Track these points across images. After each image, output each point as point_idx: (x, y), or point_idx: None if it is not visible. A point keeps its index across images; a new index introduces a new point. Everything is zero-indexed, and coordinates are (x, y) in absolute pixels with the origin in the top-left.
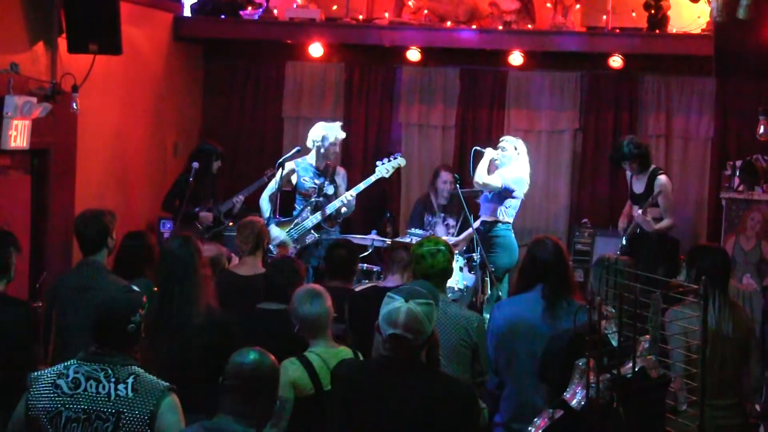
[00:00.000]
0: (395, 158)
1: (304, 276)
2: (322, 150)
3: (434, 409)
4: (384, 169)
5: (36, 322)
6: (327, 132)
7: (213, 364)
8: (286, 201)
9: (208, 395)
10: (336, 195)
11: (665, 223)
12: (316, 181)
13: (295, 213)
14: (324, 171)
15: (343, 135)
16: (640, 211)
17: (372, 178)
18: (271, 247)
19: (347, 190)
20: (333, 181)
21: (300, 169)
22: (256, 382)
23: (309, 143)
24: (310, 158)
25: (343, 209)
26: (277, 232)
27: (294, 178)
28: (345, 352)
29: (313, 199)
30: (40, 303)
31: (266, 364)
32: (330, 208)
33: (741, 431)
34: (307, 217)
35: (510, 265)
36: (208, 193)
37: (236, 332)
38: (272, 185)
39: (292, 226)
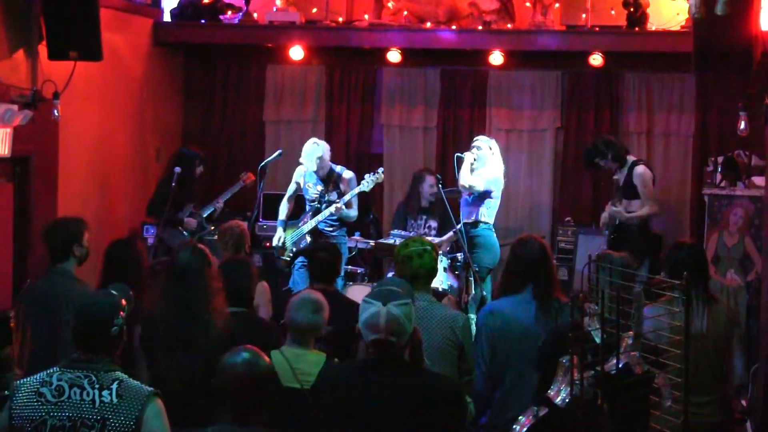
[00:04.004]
0: (376, 173)
1: (257, 277)
2: (317, 164)
3: (421, 407)
4: (365, 183)
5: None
6: (305, 155)
7: None
8: (298, 206)
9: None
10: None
11: (643, 210)
12: (318, 188)
13: (300, 218)
14: (326, 178)
15: (317, 152)
16: (610, 203)
17: (355, 191)
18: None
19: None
20: (337, 188)
21: (306, 175)
22: (251, 383)
23: None
24: None
25: (343, 213)
26: (277, 235)
27: (302, 182)
28: (315, 356)
29: (314, 205)
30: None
31: (260, 364)
32: (320, 216)
33: (722, 428)
34: (307, 222)
35: (492, 265)
36: (190, 197)
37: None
38: (291, 187)
39: (294, 230)
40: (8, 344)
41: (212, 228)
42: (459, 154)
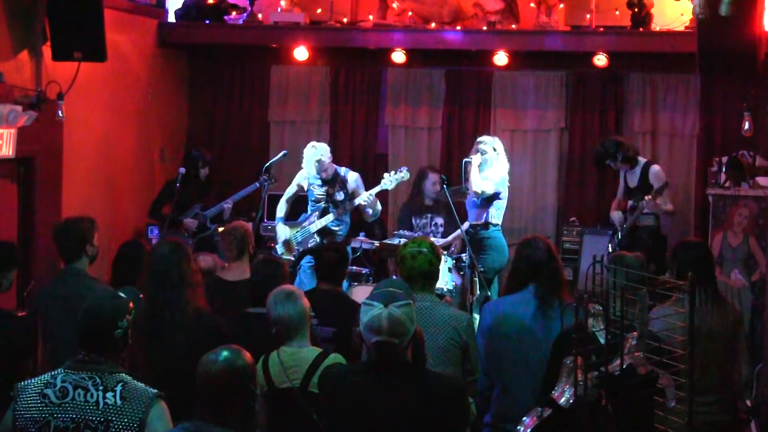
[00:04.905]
0: (401, 171)
1: (287, 278)
2: (316, 169)
3: (424, 407)
4: (389, 181)
5: (27, 336)
6: (305, 160)
7: None
8: (297, 205)
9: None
10: (349, 200)
11: (669, 206)
12: (324, 188)
13: (302, 217)
14: (331, 180)
15: (315, 155)
16: (648, 197)
17: (376, 189)
18: (277, 247)
19: (366, 190)
20: (344, 188)
21: (311, 177)
22: (228, 382)
23: None
24: None
25: (369, 210)
26: (282, 231)
27: (306, 185)
28: (308, 351)
29: (321, 205)
30: (26, 312)
31: (238, 364)
32: (331, 216)
33: (727, 427)
34: (314, 222)
35: (501, 266)
36: (194, 199)
37: (227, 335)
38: (291, 188)
39: (299, 228)
40: (30, 356)
41: (219, 229)
42: (466, 159)
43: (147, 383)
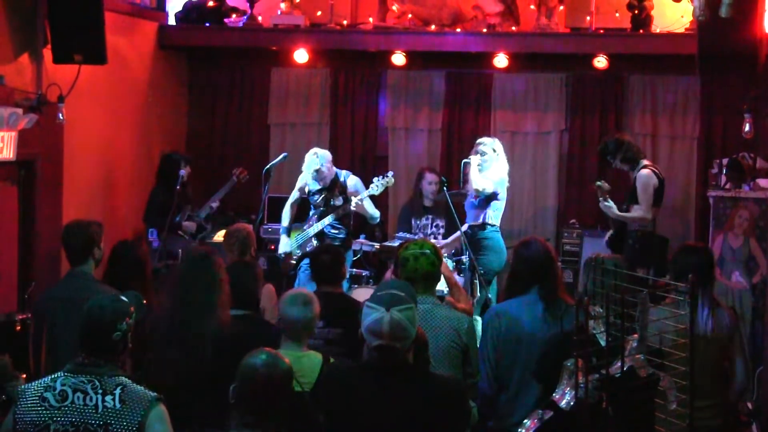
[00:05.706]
0: (386, 177)
1: (263, 279)
2: (313, 177)
3: (424, 409)
4: (375, 186)
5: None
6: (305, 166)
7: (230, 377)
8: (302, 209)
9: (222, 407)
10: (348, 204)
11: (632, 213)
12: (323, 193)
13: (306, 221)
14: (330, 187)
15: (314, 164)
16: (600, 198)
17: (365, 194)
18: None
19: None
20: (343, 193)
21: (310, 182)
22: (271, 386)
23: None
24: None
25: (369, 213)
26: (284, 244)
27: (306, 189)
28: (312, 357)
29: (320, 209)
30: (29, 314)
31: (280, 367)
32: (327, 219)
33: (721, 431)
34: (312, 226)
35: (499, 267)
36: (183, 201)
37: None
38: (294, 193)
39: (299, 232)
40: (7, 351)
41: (209, 229)
42: (465, 160)
43: (167, 388)
